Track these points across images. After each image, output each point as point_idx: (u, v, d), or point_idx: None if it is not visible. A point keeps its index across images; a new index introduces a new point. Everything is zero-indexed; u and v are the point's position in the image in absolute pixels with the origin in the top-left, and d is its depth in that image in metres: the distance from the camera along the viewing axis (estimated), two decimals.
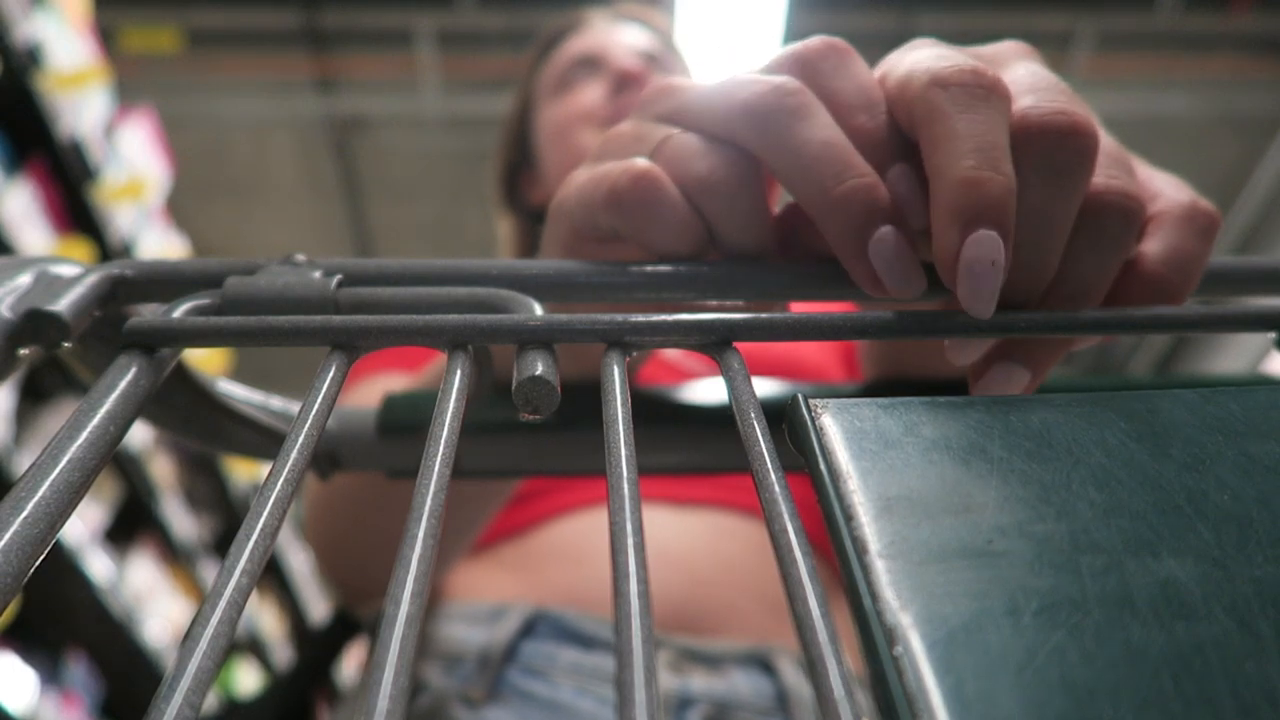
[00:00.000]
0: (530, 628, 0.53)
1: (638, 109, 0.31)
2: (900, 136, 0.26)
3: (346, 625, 0.65)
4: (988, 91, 0.24)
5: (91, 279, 0.23)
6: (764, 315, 0.22)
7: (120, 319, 0.26)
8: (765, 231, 0.27)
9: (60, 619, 1.94)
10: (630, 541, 0.15)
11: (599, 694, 0.47)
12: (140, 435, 2.00)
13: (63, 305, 0.21)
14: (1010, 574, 0.15)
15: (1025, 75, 0.26)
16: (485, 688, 0.48)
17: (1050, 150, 0.23)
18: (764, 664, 0.53)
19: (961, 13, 3.33)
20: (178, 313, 0.22)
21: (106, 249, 1.84)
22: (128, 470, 1.99)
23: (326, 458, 0.37)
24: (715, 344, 0.22)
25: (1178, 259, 0.25)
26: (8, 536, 0.15)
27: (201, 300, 0.23)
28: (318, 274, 0.24)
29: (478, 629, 0.53)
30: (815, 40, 0.28)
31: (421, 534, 0.15)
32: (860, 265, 0.24)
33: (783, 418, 0.19)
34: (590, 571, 0.55)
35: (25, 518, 0.15)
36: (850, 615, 0.15)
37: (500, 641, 0.51)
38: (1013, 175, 0.22)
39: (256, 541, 0.15)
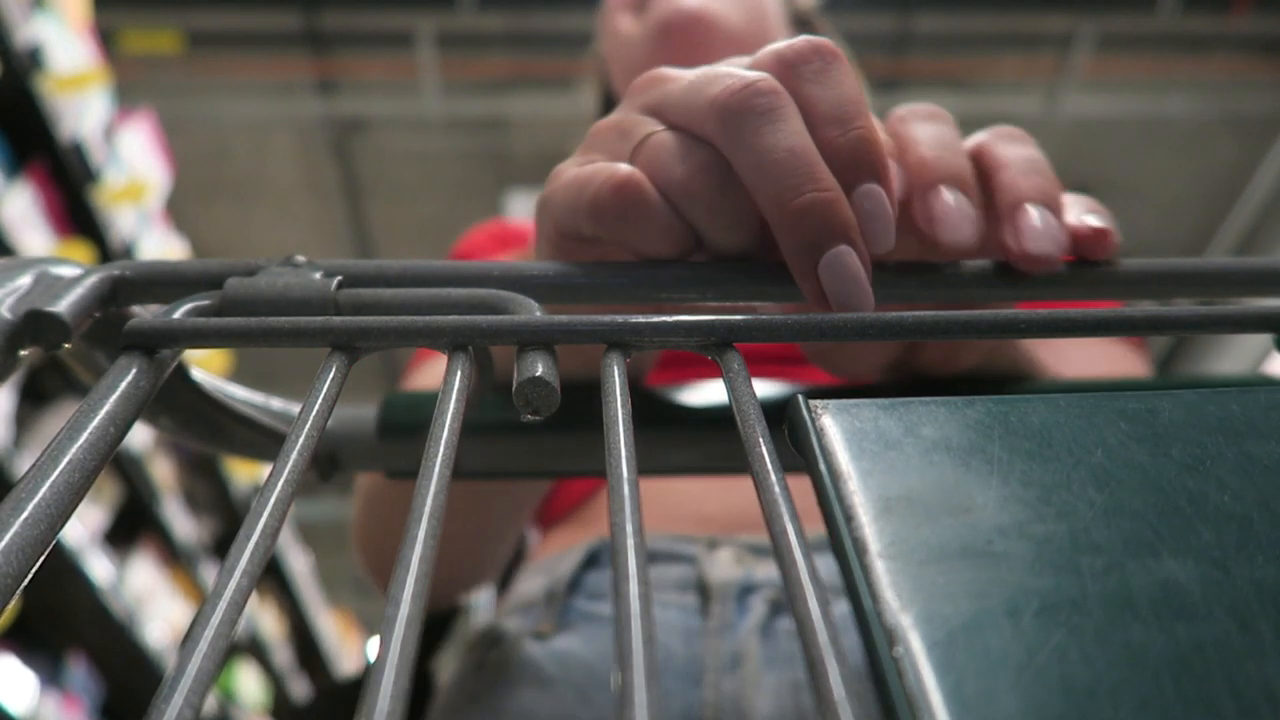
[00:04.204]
0: (593, 559, 0.53)
1: (626, 98, 0.30)
2: (876, 154, 0.25)
3: (436, 623, 0.64)
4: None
5: (91, 280, 0.23)
6: (764, 315, 0.22)
7: (120, 320, 0.26)
8: (750, 234, 0.26)
9: (60, 621, 1.94)
10: (630, 542, 0.15)
11: (663, 599, 0.48)
12: (140, 436, 2.00)
13: (63, 306, 0.21)
14: (1010, 575, 0.15)
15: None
16: (553, 620, 0.49)
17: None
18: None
19: (961, 14, 3.33)
20: (178, 314, 0.22)
21: (107, 251, 1.84)
22: (128, 472, 1.99)
23: (327, 458, 0.37)
24: (715, 345, 0.22)
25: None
26: (8, 537, 0.15)
27: (202, 301, 0.23)
28: (318, 275, 0.24)
29: (544, 575, 0.54)
30: (802, 40, 0.27)
31: (421, 534, 0.15)
32: (808, 283, 0.24)
33: (783, 418, 0.19)
34: (646, 500, 0.55)
35: (26, 519, 0.15)
36: (851, 615, 0.15)
37: (564, 576, 0.52)
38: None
39: (257, 542, 0.15)
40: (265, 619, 2.87)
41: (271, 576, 2.92)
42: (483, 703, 0.47)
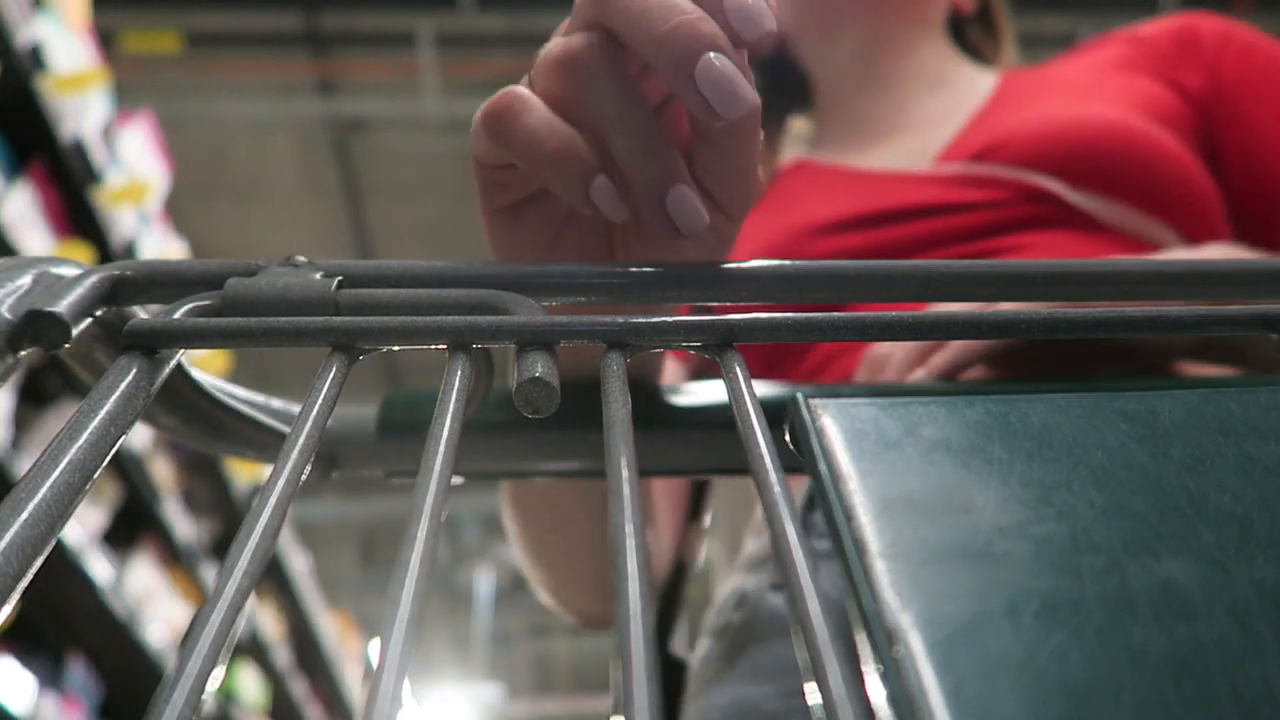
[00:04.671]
0: (811, 501, 0.52)
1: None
2: None
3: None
4: None
5: (92, 280, 0.23)
6: (764, 315, 0.22)
7: (120, 320, 0.26)
8: (631, 116, 0.27)
9: (60, 621, 1.94)
10: (630, 542, 0.15)
11: None
12: (140, 436, 2.00)
13: (63, 306, 0.21)
14: (1011, 575, 0.15)
15: None
16: None
17: None
18: None
19: None
20: (178, 314, 0.22)
21: (107, 251, 1.84)
22: (128, 472, 1.99)
23: (327, 458, 0.37)
24: (716, 345, 0.22)
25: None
26: (8, 538, 0.15)
27: (202, 301, 0.23)
28: (318, 275, 0.24)
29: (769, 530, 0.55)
30: None
31: (422, 534, 0.15)
32: (692, 94, 0.25)
33: (783, 418, 0.19)
34: None
35: (25, 519, 0.15)
36: (851, 616, 0.15)
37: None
38: None
39: (256, 542, 0.15)
40: (265, 619, 2.87)
41: (271, 576, 2.92)
42: (739, 661, 0.47)
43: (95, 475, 0.17)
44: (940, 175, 0.58)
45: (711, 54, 0.25)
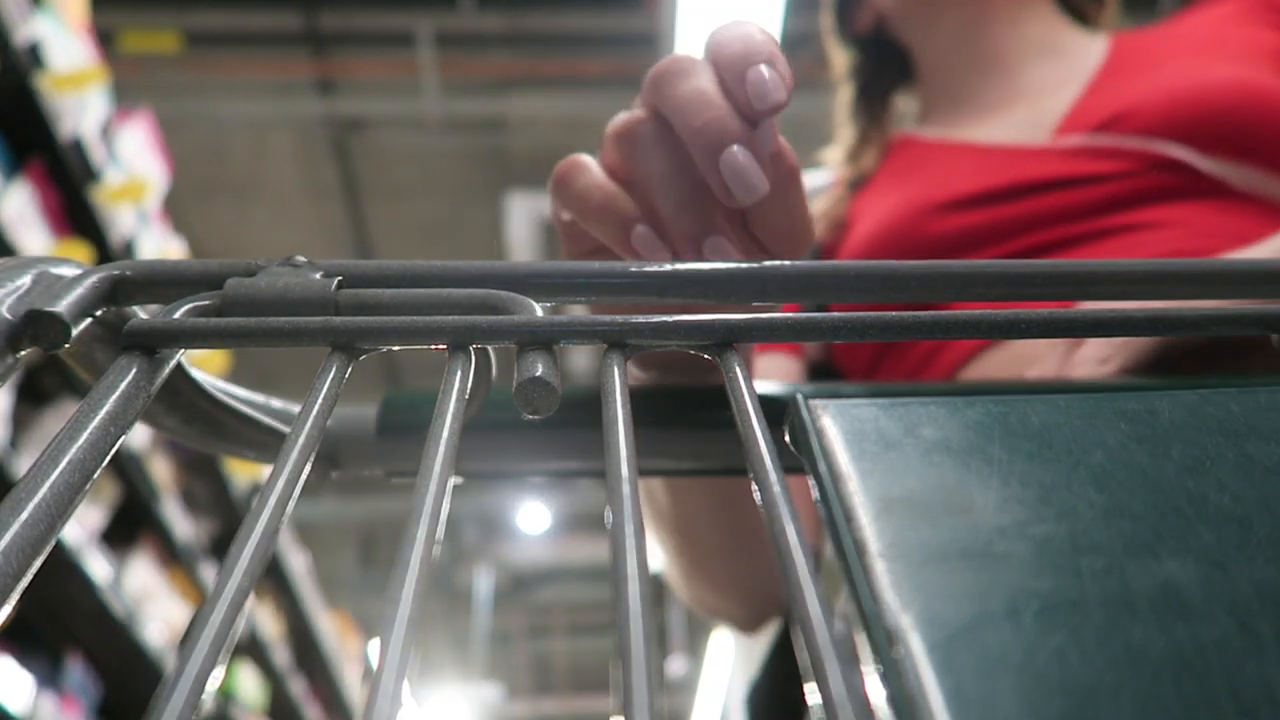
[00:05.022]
0: None
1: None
2: (759, 50, 0.31)
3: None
4: None
5: (91, 280, 0.23)
6: (764, 315, 0.22)
7: (120, 320, 0.26)
8: (674, 185, 0.31)
9: (59, 621, 1.94)
10: (630, 542, 0.15)
11: None
12: (140, 436, 2.00)
13: (63, 306, 0.21)
14: (1011, 575, 0.15)
15: None
16: None
17: None
18: None
19: None
20: (178, 314, 0.22)
21: (106, 251, 1.84)
22: (127, 471, 1.99)
23: (327, 458, 0.37)
24: (715, 345, 0.22)
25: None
26: (7, 538, 0.15)
27: (202, 301, 0.23)
28: (318, 275, 0.24)
29: None
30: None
31: (422, 534, 0.15)
32: (716, 180, 0.29)
33: (783, 418, 0.19)
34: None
35: (25, 519, 0.15)
36: (851, 616, 0.15)
37: None
38: None
39: (257, 542, 0.15)
40: (264, 619, 2.87)
41: (271, 576, 2.92)
42: None
43: (95, 475, 0.17)
44: (1063, 148, 0.57)
45: (734, 147, 0.29)
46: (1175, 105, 0.54)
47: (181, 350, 0.22)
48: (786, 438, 0.21)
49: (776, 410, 0.20)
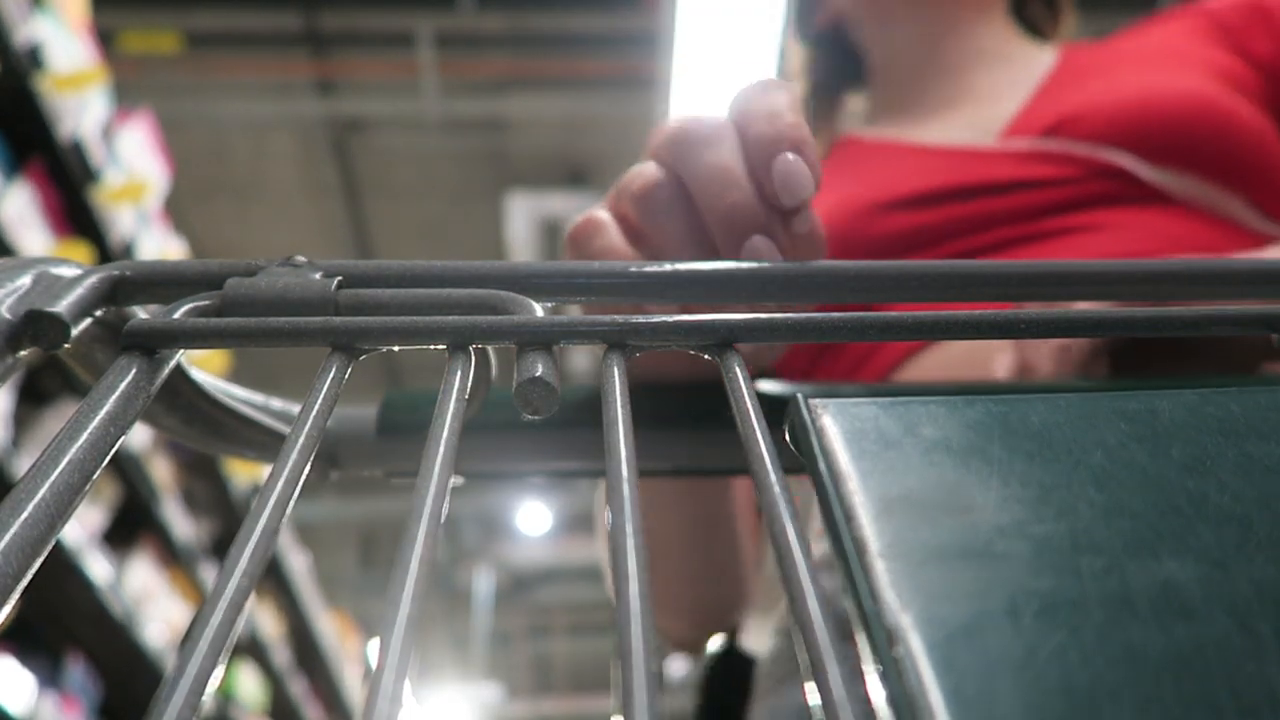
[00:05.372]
0: None
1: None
2: (790, 135, 0.31)
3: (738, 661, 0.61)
4: None
5: (92, 280, 0.23)
6: (764, 315, 0.22)
7: (120, 320, 0.26)
8: (691, 250, 0.31)
9: (59, 621, 1.94)
10: (630, 542, 0.15)
11: None
12: (140, 436, 2.00)
13: (63, 306, 0.21)
14: (1010, 575, 0.15)
15: None
16: None
17: None
18: None
19: None
20: (178, 314, 0.22)
21: (106, 251, 1.84)
22: (127, 472, 1.99)
23: (327, 458, 0.37)
24: (715, 345, 0.22)
25: None
26: (7, 538, 0.15)
27: (202, 301, 0.23)
28: (318, 275, 0.24)
29: None
30: (761, 78, 0.33)
31: (421, 534, 0.15)
32: (734, 255, 0.29)
33: (783, 418, 0.19)
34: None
35: (25, 519, 0.15)
36: (851, 616, 0.15)
37: None
38: None
39: (256, 542, 0.15)
40: (265, 619, 2.87)
41: (271, 576, 2.92)
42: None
43: (95, 475, 0.17)
44: (1010, 151, 0.57)
45: (756, 237, 0.29)
46: (1121, 113, 0.54)
47: (181, 350, 0.22)
48: (787, 438, 0.21)
49: (776, 410, 0.20)
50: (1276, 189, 0.53)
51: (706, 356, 0.22)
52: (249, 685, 2.78)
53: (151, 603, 2.15)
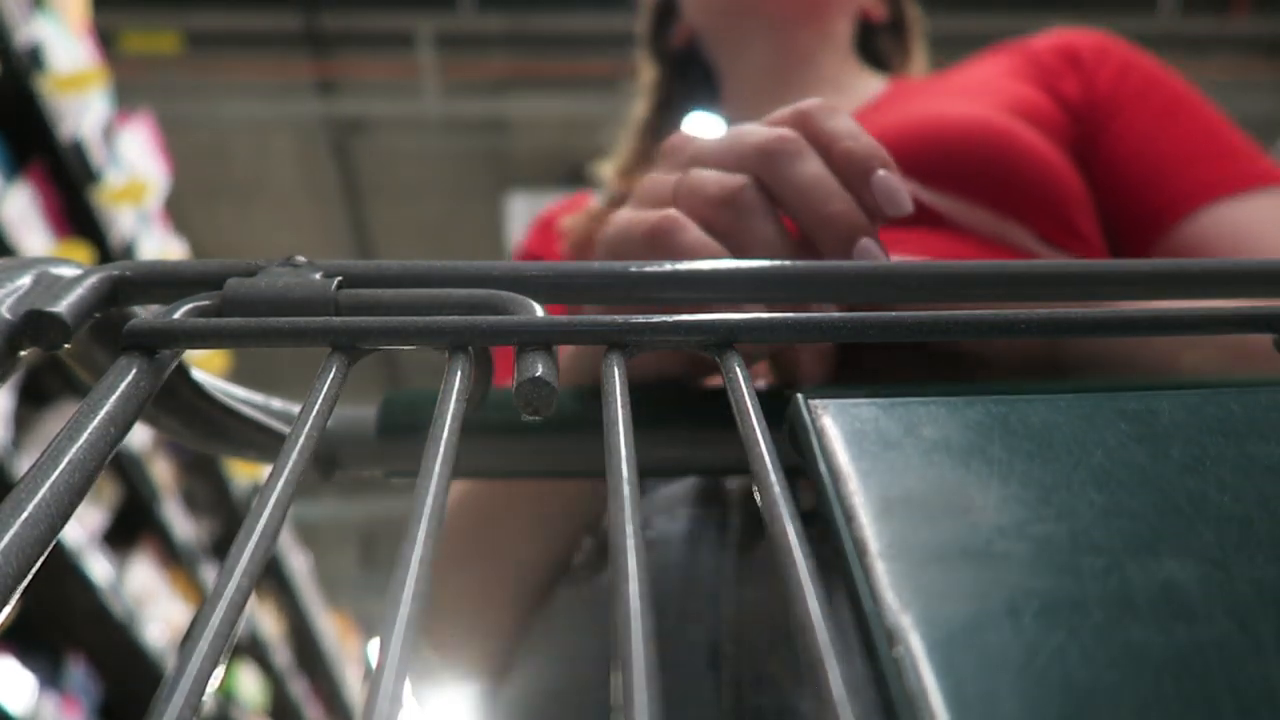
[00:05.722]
0: None
1: (662, 158, 0.38)
2: (875, 156, 0.33)
3: None
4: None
5: (92, 280, 0.23)
6: (764, 315, 0.22)
7: (120, 320, 0.26)
8: (786, 250, 0.33)
9: (60, 621, 1.94)
10: (630, 542, 0.15)
11: (685, 514, 0.45)
12: (140, 437, 2.00)
13: (63, 306, 0.21)
14: (1011, 575, 0.15)
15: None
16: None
17: None
18: None
19: (961, 15, 3.33)
20: (178, 314, 0.22)
21: (107, 251, 1.84)
22: (128, 472, 1.99)
23: (327, 458, 0.37)
24: (715, 345, 0.22)
25: None
26: (8, 538, 0.15)
27: (202, 301, 0.23)
28: (318, 275, 0.24)
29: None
30: (808, 101, 0.35)
31: (421, 534, 0.15)
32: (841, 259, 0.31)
33: (783, 418, 0.19)
34: None
35: (25, 519, 0.15)
36: (851, 616, 0.15)
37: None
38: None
39: (256, 542, 0.15)
40: (265, 619, 2.87)
41: (271, 576, 2.92)
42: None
43: (95, 475, 0.17)
44: None
45: (865, 240, 0.32)
46: (901, 138, 0.55)
47: (181, 351, 0.22)
48: (787, 438, 0.21)
49: (776, 410, 0.20)
50: (1062, 219, 0.54)
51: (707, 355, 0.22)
52: (249, 685, 2.78)
53: (151, 603, 2.15)
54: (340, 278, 0.24)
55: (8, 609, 0.14)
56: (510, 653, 0.52)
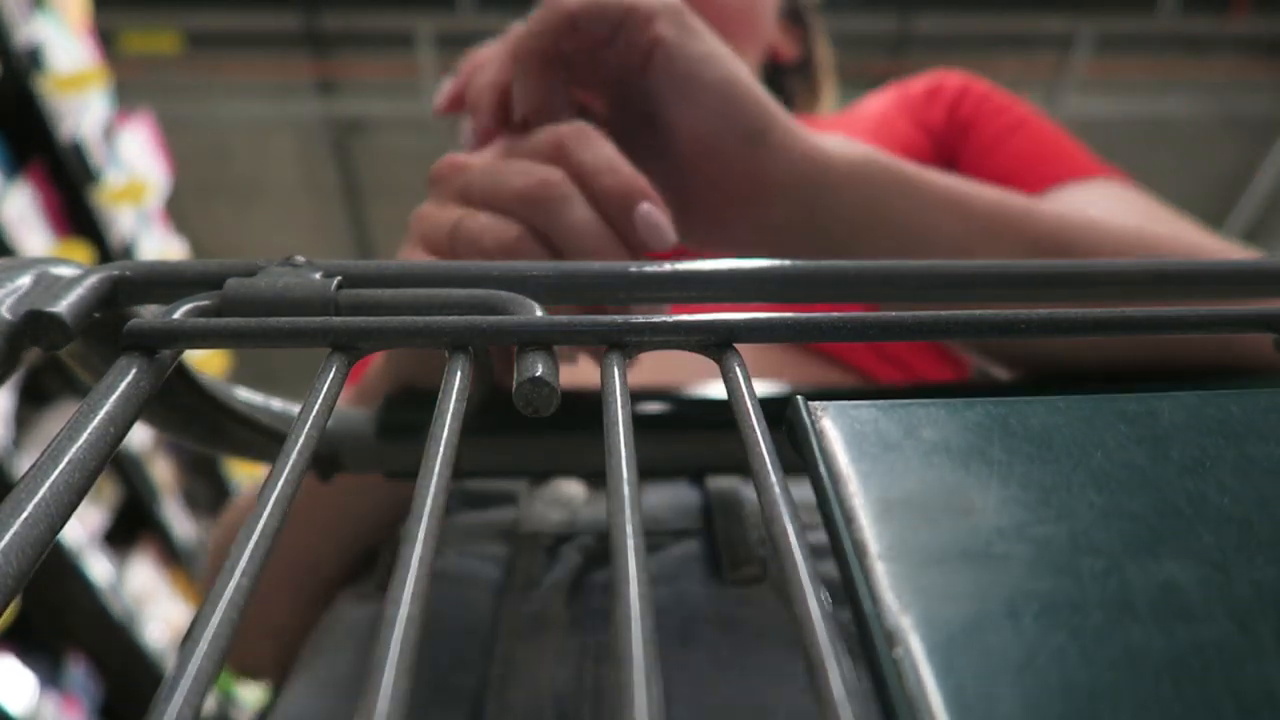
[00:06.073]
0: None
1: (432, 186, 0.39)
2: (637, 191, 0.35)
3: None
4: None
5: (92, 280, 0.23)
6: (764, 315, 0.22)
7: (120, 320, 0.26)
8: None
9: (60, 621, 1.94)
10: (630, 542, 0.15)
11: (471, 550, 0.43)
12: (140, 437, 2.00)
13: (63, 306, 0.21)
14: (1010, 577, 0.15)
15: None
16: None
17: None
18: None
19: (961, 15, 3.33)
20: (178, 314, 0.22)
21: (107, 251, 1.84)
22: (128, 472, 1.99)
23: (327, 459, 0.37)
24: (715, 345, 0.22)
25: None
26: (8, 538, 0.15)
27: (201, 301, 0.23)
28: (318, 275, 0.24)
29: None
30: (566, 126, 0.36)
31: (421, 534, 0.15)
32: (632, 235, 0.34)
33: (783, 419, 0.19)
34: None
35: (25, 519, 0.15)
36: (851, 618, 0.15)
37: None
38: None
39: (256, 543, 0.15)
40: None
41: None
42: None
43: (95, 475, 0.17)
44: None
45: (643, 205, 0.34)
46: None
47: (181, 351, 0.22)
48: (786, 439, 0.21)
49: (776, 411, 0.20)
50: None
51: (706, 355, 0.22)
52: (249, 685, 2.78)
53: (151, 603, 2.15)
54: (340, 278, 0.24)
55: (8, 609, 0.14)
56: (290, 655, 0.51)
